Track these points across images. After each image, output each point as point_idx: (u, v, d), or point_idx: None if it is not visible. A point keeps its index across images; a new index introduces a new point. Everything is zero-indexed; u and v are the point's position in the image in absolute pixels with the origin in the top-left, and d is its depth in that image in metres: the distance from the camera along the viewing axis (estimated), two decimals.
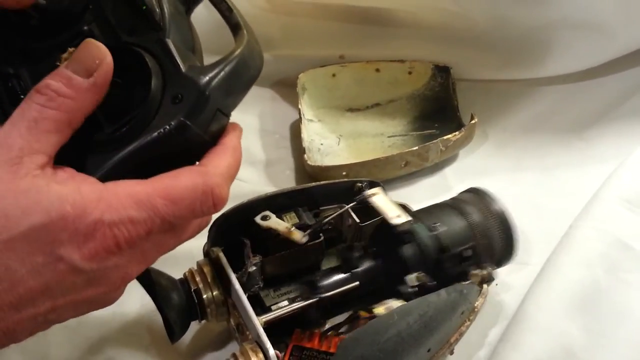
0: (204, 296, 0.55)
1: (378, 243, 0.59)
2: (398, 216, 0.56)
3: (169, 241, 0.43)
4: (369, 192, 0.59)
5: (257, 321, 0.51)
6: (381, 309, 0.52)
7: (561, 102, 0.93)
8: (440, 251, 0.57)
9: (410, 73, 0.94)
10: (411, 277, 0.54)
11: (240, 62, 0.43)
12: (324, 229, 0.58)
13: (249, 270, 0.54)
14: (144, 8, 0.44)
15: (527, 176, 0.84)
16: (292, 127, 0.91)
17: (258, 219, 0.57)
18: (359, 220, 0.59)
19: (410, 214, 0.58)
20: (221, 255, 0.56)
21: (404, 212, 0.57)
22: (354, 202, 0.59)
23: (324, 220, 0.57)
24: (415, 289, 0.54)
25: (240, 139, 0.46)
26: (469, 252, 0.58)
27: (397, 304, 0.52)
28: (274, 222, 0.56)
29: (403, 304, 0.53)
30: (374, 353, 0.49)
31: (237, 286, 0.53)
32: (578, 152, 0.86)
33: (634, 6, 0.84)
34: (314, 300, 0.55)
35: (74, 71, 0.40)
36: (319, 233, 0.59)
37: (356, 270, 0.58)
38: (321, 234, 0.59)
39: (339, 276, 0.58)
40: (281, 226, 0.56)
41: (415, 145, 0.81)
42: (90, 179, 0.40)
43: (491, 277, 0.60)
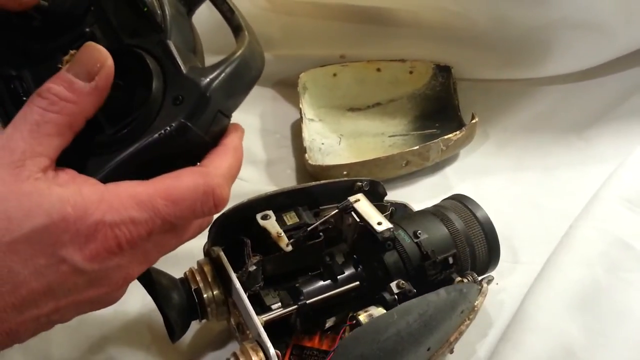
0: (205, 295, 0.56)
1: (360, 250, 0.59)
2: (380, 223, 0.56)
3: (170, 241, 0.43)
4: (352, 199, 0.59)
5: (258, 320, 0.51)
6: (362, 316, 0.52)
7: (562, 101, 0.93)
8: (422, 258, 0.57)
9: (411, 72, 0.94)
10: (392, 284, 0.54)
11: (241, 64, 0.43)
12: (321, 229, 0.59)
13: (250, 270, 0.54)
14: (145, 10, 0.44)
15: (527, 176, 0.84)
16: (293, 126, 0.91)
17: (258, 217, 0.57)
18: (359, 220, 0.59)
19: (393, 221, 0.58)
20: (222, 255, 0.56)
21: (386, 220, 0.57)
22: (336, 210, 0.59)
23: (306, 231, 0.58)
24: (395, 296, 0.54)
25: (242, 139, 0.46)
26: (452, 260, 0.58)
27: (379, 311, 0.52)
28: (269, 224, 0.57)
29: (385, 311, 0.53)
30: (374, 352, 0.49)
31: (238, 285, 0.53)
32: (578, 152, 0.86)
33: (634, 6, 0.84)
34: (294, 307, 0.55)
35: (75, 75, 0.40)
36: (319, 232, 0.59)
37: (338, 277, 0.57)
38: (321, 234, 0.59)
39: (320, 283, 0.57)
40: (273, 230, 0.56)
41: (416, 145, 0.81)
42: (92, 181, 0.40)
43: (491, 277, 0.61)
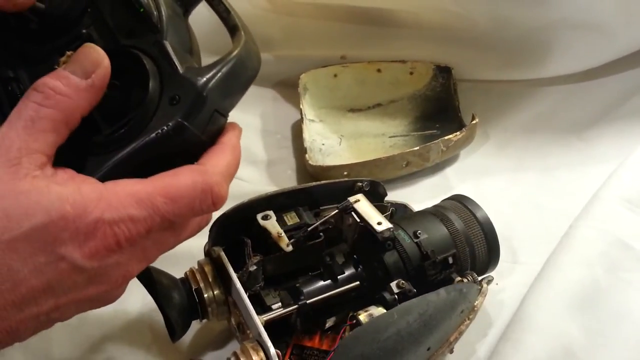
0: (205, 295, 0.56)
1: (360, 250, 0.59)
2: (380, 223, 0.56)
3: (169, 239, 0.43)
4: (352, 199, 0.59)
5: (258, 320, 0.51)
6: (362, 316, 0.52)
7: (562, 102, 0.93)
8: (422, 258, 0.57)
9: (411, 73, 0.94)
10: (392, 284, 0.54)
11: (237, 63, 0.44)
12: (321, 229, 0.59)
13: (250, 270, 0.54)
14: (141, 11, 0.44)
15: (527, 176, 0.84)
16: (293, 127, 0.92)
17: (259, 217, 0.57)
18: (359, 220, 0.59)
19: (393, 222, 0.58)
20: (222, 255, 0.56)
21: (386, 220, 0.57)
22: (337, 210, 0.59)
23: (307, 231, 0.58)
24: (395, 296, 0.54)
25: (239, 138, 0.46)
26: (451, 260, 0.58)
27: (379, 310, 0.52)
28: (270, 224, 0.57)
29: (386, 310, 0.53)
30: (374, 351, 0.49)
31: (238, 285, 0.53)
32: (578, 153, 0.86)
33: (634, 7, 0.84)
34: (294, 307, 0.55)
35: (72, 72, 0.40)
36: (319, 233, 0.59)
37: (338, 277, 0.57)
38: (322, 234, 0.59)
39: (321, 283, 0.57)
40: (274, 230, 0.56)
41: (416, 146, 0.81)
42: (90, 179, 0.40)
43: (490, 277, 0.61)
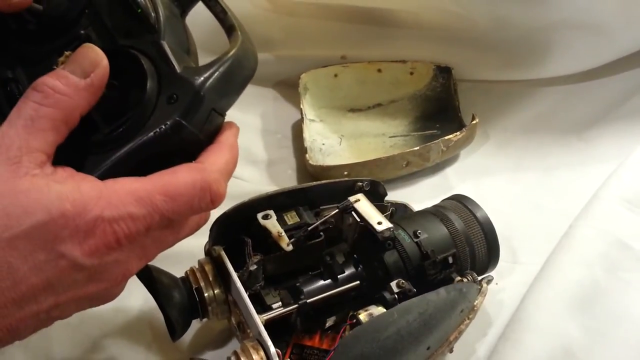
0: (205, 294, 0.56)
1: (360, 249, 0.59)
2: (380, 223, 0.56)
3: (168, 237, 0.43)
4: (353, 199, 0.59)
5: (258, 319, 0.51)
6: (362, 315, 0.52)
7: (562, 102, 0.93)
8: (422, 258, 0.57)
9: (411, 73, 0.94)
10: (392, 283, 0.54)
11: (234, 63, 0.44)
12: (322, 229, 0.59)
13: (250, 269, 0.55)
14: (139, 11, 0.44)
15: (527, 176, 0.84)
16: (294, 127, 0.92)
17: (259, 217, 0.57)
18: (359, 220, 0.59)
19: (393, 221, 0.58)
20: (222, 254, 0.56)
21: (386, 219, 0.57)
22: (337, 209, 0.59)
23: (307, 231, 0.58)
24: (395, 295, 0.54)
25: (237, 137, 0.46)
26: (451, 259, 0.58)
27: (379, 310, 0.52)
28: (270, 224, 0.57)
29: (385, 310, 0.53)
30: (374, 350, 0.49)
31: (239, 284, 0.53)
32: (578, 153, 0.86)
33: (633, 8, 0.84)
34: (294, 306, 0.55)
35: (71, 71, 0.40)
36: (319, 232, 0.59)
37: (338, 276, 0.57)
38: (322, 233, 0.59)
39: (321, 282, 0.57)
40: (274, 229, 0.56)
41: (416, 146, 0.81)
42: (90, 178, 0.40)
43: (490, 277, 0.61)
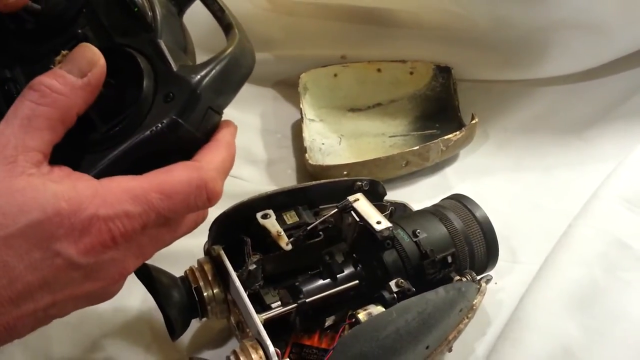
0: (205, 294, 0.56)
1: (360, 249, 0.59)
2: (379, 222, 0.56)
3: (164, 235, 0.43)
4: (352, 198, 0.59)
5: (258, 319, 0.51)
6: (361, 314, 0.52)
7: (561, 102, 0.93)
8: (421, 257, 0.57)
9: (411, 73, 0.94)
10: (391, 283, 0.54)
11: (231, 61, 0.44)
12: (321, 228, 0.59)
13: (250, 268, 0.55)
14: (135, 10, 0.44)
15: (527, 176, 0.84)
16: (293, 126, 0.92)
17: (259, 216, 0.57)
18: (358, 219, 0.59)
19: (392, 221, 0.58)
20: (222, 253, 0.56)
21: (385, 219, 0.57)
22: (336, 209, 0.59)
23: (306, 230, 0.58)
24: (394, 295, 0.54)
25: (234, 135, 0.46)
26: (450, 259, 0.58)
27: (378, 309, 0.53)
28: (269, 223, 0.57)
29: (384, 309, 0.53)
30: (372, 350, 0.49)
31: (238, 284, 0.53)
32: (578, 152, 0.86)
33: (633, 7, 0.84)
34: (293, 306, 0.55)
35: (68, 71, 0.40)
36: (318, 232, 0.59)
37: (338, 276, 0.57)
38: (321, 233, 0.59)
39: (320, 282, 0.57)
40: (273, 229, 0.56)
41: (416, 145, 0.81)
42: (86, 177, 0.40)
43: (489, 276, 0.61)
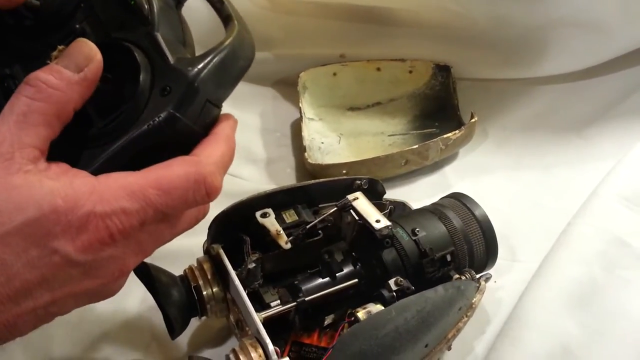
0: (204, 293, 0.56)
1: (359, 248, 0.59)
2: (378, 221, 0.56)
3: (164, 232, 0.43)
4: (351, 197, 0.59)
5: (257, 317, 0.51)
6: (361, 313, 0.52)
7: (560, 100, 0.93)
8: (420, 256, 0.57)
9: (410, 72, 0.94)
10: (390, 281, 0.54)
11: (230, 53, 0.43)
12: (320, 227, 0.59)
13: (249, 267, 0.55)
14: (132, 3, 0.44)
15: (526, 174, 0.84)
16: (292, 125, 0.92)
17: (258, 215, 0.57)
18: (358, 218, 0.59)
19: (391, 219, 0.58)
20: (221, 252, 0.56)
21: (384, 217, 0.57)
22: (335, 208, 0.59)
23: (305, 229, 0.58)
24: (393, 293, 0.54)
25: (234, 129, 0.46)
26: (449, 257, 0.58)
27: (377, 308, 0.53)
28: (269, 222, 0.57)
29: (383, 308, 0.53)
30: (372, 348, 0.49)
31: (237, 282, 0.53)
32: (577, 151, 0.86)
33: (632, 6, 0.84)
34: (292, 304, 0.55)
35: (65, 66, 0.40)
36: (318, 230, 0.59)
37: (337, 274, 0.57)
38: (320, 231, 0.59)
39: (319, 280, 0.57)
40: (272, 227, 0.56)
41: (415, 144, 0.81)
42: (83, 173, 0.40)
43: (489, 275, 0.61)
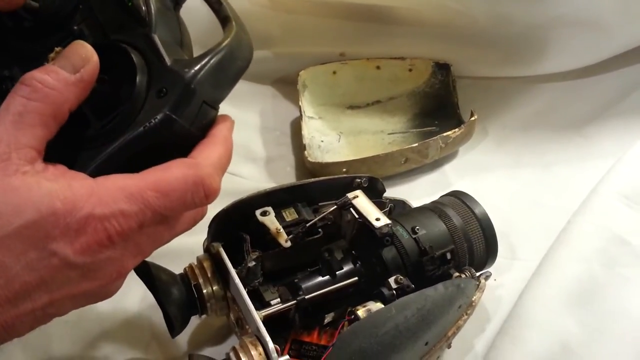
0: (204, 291, 0.56)
1: (359, 246, 0.59)
2: (378, 219, 0.56)
3: (162, 233, 0.43)
4: (351, 195, 0.59)
5: (257, 315, 0.51)
6: (361, 311, 0.52)
7: (560, 99, 0.93)
8: (420, 254, 0.57)
9: (410, 70, 0.94)
10: (390, 279, 0.54)
11: (227, 54, 0.43)
12: (320, 225, 0.59)
13: (249, 265, 0.55)
14: (129, 5, 0.44)
15: (526, 172, 0.84)
16: (292, 124, 0.92)
17: (258, 213, 0.57)
18: (357, 216, 0.59)
19: (391, 218, 0.58)
20: (221, 250, 0.56)
21: (384, 216, 0.57)
22: (335, 206, 0.59)
23: (305, 227, 0.58)
24: (393, 291, 0.54)
25: (231, 130, 0.46)
26: (449, 255, 0.58)
27: (377, 306, 0.53)
28: (268, 220, 0.57)
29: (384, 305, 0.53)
30: (372, 346, 0.49)
31: (237, 281, 0.54)
32: (577, 149, 0.86)
33: (632, 4, 0.84)
34: (292, 302, 0.55)
35: (61, 67, 0.40)
36: (318, 229, 0.59)
37: (337, 272, 0.58)
38: (320, 230, 0.59)
39: (319, 279, 0.57)
40: (272, 225, 0.56)
41: (415, 142, 0.81)
42: (81, 175, 0.40)
43: (488, 273, 0.61)
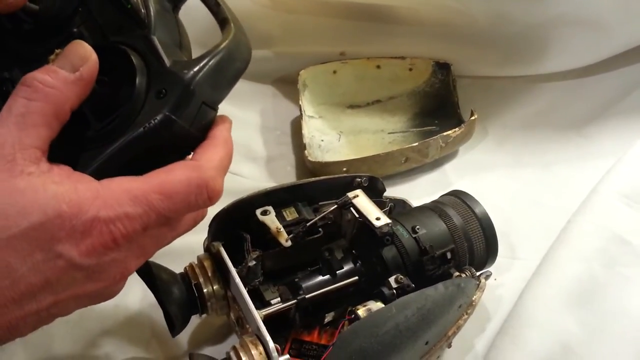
0: (205, 290, 0.56)
1: (359, 245, 0.59)
2: (378, 218, 0.57)
3: (166, 235, 0.43)
4: (351, 195, 0.59)
5: (257, 315, 0.51)
6: (361, 310, 0.52)
7: (561, 98, 0.93)
8: (420, 253, 0.57)
9: (410, 70, 0.94)
10: (390, 279, 0.54)
11: (225, 55, 0.44)
12: (320, 225, 0.59)
13: (249, 265, 0.55)
14: (129, 7, 0.44)
15: (526, 172, 0.84)
16: (293, 123, 0.92)
17: (258, 213, 0.57)
18: (358, 216, 0.59)
19: (391, 217, 0.59)
20: (221, 250, 0.56)
21: (384, 215, 0.57)
22: (336, 205, 0.59)
23: (305, 226, 0.58)
24: (393, 291, 0.54)
25: (230, 130, 0.46)
26: (450, 255, 0.58)
27: (377, 305, 0.53)
28: (269, 219, 0.57)
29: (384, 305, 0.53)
30: (372, 345, 0.50)
31: (237, 280, 0.54)
32: (577, 149, 0.86)
33: (632, 4, 0.84)
34: (293, 302, 0.55)
35: (60, 66, 0.40)
36: (318, 228, 0.59)
37: (337, 272, 0.58)
38: (320, 229, 0.59)
39: (319, 278, 0.58)
40: (273, 225, 0.57)
41: (415, 142, 0.81)
42: (87, 178, 0.40)
43: (489, 272, 0.61)
